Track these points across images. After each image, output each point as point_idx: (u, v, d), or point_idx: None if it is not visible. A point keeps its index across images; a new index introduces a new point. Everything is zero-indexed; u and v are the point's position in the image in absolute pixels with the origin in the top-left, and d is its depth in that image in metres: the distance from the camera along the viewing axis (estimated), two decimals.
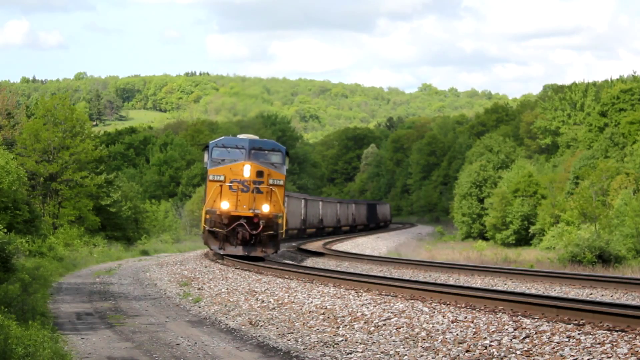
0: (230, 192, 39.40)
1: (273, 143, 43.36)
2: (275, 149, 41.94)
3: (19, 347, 10.48)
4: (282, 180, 40.82)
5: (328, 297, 19.65)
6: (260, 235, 39.32)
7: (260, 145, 41.32)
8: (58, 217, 63.33)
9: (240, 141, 41.14)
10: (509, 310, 15.35)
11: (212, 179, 40.07)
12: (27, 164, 59.10)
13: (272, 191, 39.93)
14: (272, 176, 40.18)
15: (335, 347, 14.42)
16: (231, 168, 39.71)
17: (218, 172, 40.00)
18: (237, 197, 39.33)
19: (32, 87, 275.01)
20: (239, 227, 38.97)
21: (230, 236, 39.25)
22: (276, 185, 40.19)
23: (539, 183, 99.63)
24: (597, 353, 11.02)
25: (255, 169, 39.60)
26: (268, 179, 39.86)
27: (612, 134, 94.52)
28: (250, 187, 39.43)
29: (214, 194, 39.60)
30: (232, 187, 39.38)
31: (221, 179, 39.57)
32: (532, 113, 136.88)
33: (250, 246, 39.30)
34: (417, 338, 13.85)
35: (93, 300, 24.46)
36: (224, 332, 17.52)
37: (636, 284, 23.14)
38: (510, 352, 11.93)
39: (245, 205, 39.25)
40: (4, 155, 44.50)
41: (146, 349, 15.07)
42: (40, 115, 67.23)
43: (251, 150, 40.44)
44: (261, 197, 39.49)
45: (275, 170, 40.78)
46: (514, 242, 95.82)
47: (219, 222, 39.17)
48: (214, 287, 26.19)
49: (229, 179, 39.44)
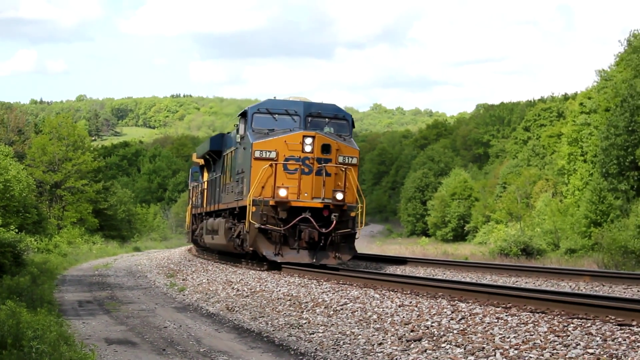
0: (286, 174, 24.96)
1: (335, 107, 27.26)
2: (339, 116, 26.89)
3: (29, 331, 10.45)
4: (355, 158, 25.93)
5: (294, 286, 19.67)
6: (333, 234, 24.90)
7: (318, 110, 26.55)
8: (62, 219, 63.29)
9: (292, 105, 26.43)
10: (447, 296, 15.43)
11: (258, 157, 25.04)
12: (35, 173, 59.11)
13: (344, 173, 25.32)
14: (342, 152, 25.57)
15: (299, 329, 14.44)
16: (286, 141, 24.98)
17: (267, 146, 25.10)
18: (298, 182, 24.90)
19: (39, 107, 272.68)
20: (303, 224, 24.72)
21: (289, 236, 24.91)
22: (349, 165, 25.51)
23: (473, 187, 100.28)
24: (522, 331, 11.10)
25: (320, 142, 25.02)
26: (337, 156, 25.37)
27: (534, 146, 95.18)
28: (313, 167, 24.98)
29: (262, 176, 24.78)
30: (289, 167, 24.93)
31: (272, 156, 24.90)
32: (466, 128, 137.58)
33: (319, 251, 24.92)
34: (370, 320, 13.89)
35: (92, 290, 24.35)
36: (205, 317, 17.49)
37: (554, 273, 23.32)
38: (448, 331, 11.99)
39: (307, 193, 24.94)
40: (16, 166, 44.45)
41: (138, 331, 15.04)
42: (46, 131, 67.47)
43: (307, 117, 26.08)
44: (330, 180, 25.11)
45: (345, 143, 26.06)
46: (451, 238, 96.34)
47: (272, 216, 24.74)
48: (196, 278, 26.12)
49: (283, 156, 24.95)
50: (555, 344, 10.28)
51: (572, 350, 9.89)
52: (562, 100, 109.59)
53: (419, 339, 12.00)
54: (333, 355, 11.98)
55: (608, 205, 49.23)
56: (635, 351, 9.30)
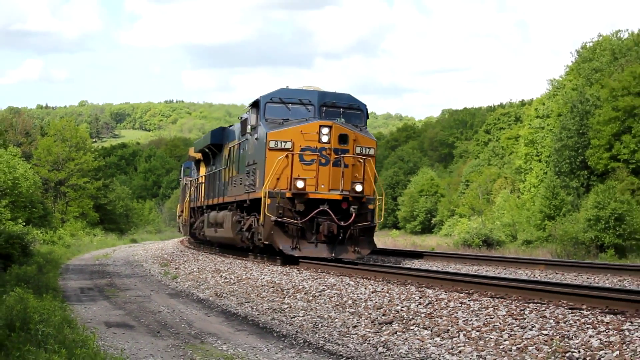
0: (303, 165, 21.81)
1: (349, 97, 23.83)
2: (353, 106, 23.59)
3: (35, 315, 10.40)
4: (372, 149, 22.73)
5: (276, 274, 19.63)
6: (352, 228, 21.76)
7: (333, 99, 23.25)
8: (66, 214, 63.21)
9: (306, 94, 23.17)
10: (415, 283, 15.43)
11: (273, 147, 21.84)
12: (41, 172, 59.06)
13: (361, 164, 22.24)
14: (359, 142, 22.40)
15: (282, 313, 14.43)
16: (302, 131, 21.84)
17: (282, 136, 21.93)
18: (315, 173, 21.71)
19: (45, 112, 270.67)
20: (321, 217, 21.57)
21: (306, 230, 21.72)
22: (366, 156, 22.42)
23: (439, 185, 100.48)
24: (483, 315, 11.14)
25: (338, 132, 21.83)
26: (354, 147, 22.22)
27: (494, 147, 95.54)
28: (330, 158, 21.78)
29: (277, 168, 21.58)
30: (306, 157, 21.75)
31: (288, 146, 21.75)
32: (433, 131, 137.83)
33: (338, 245, 21.79)
34: (345, 305, 13.89)
35: (93, 278, 24.24)
36: (195, 302, 17.45)
37: (512, 262, 23.37)
38: (416, 315, 12.01)
39: (323, 185, 21.77)
40: (23, 165, 44.48)
41: (135, 315, 14.99)
42: (51, 134, 67.50)
43: (322, 106, 22.90)
44: (348, 172, 21.93)
45: (362, 134, 22.90)
46: (420, 231, 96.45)
47: (289, 208, 21.56)
48: (188, 267, 26.04)
49: (299, 147, 21.77)
50: (513, 326, 10.32)
51: (528, 331, 9.94)
52: (519, 105, 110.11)
53: (390, 322, 12.02)
54: (312, 337, 11.98)
55: (560, 201, 49.42)
56: (584, 332, 9.35)
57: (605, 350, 8.62)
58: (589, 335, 9.20)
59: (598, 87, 55.19)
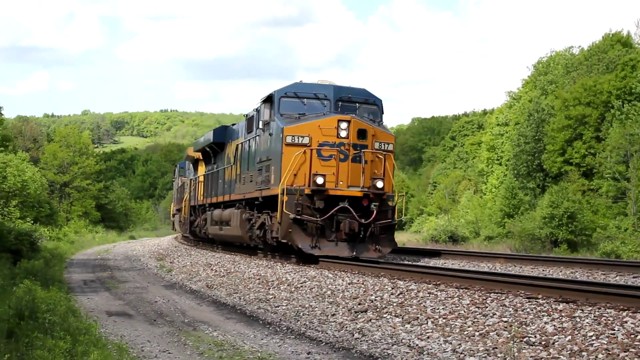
0: (321, 161, 19.17)
1: (365, 91, 21.28)
2: (369, 101, 21.11)
3: (42, 305, 10.36)
4: (391, 144, 20.26)
5: (262, 267, 19.61)
6: (373, 225, 19.25)
7: (349, 94, 20.73)
8: (70, 213, 63.01)
9: (322, 88, 20.63)
10: (388, 275, 15.44)
11: (289, 142, 19.15)
12: (47, 175, 59.04)
13: (380, 160, 19.67)
14: (378, 137, 19.79)
15: (267, 302, 14.42)
16: (319, 125, 19.17)
17: (299, 131, 19.25)
18: (334, 169, 19.06)
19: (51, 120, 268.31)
20: (341, 214, 18.94)
21: (326, 228, 18.99)
22: (386, 152, 19.89)
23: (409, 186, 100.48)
24: (449, 304, 11.17)
25: (356, 127, 19.25)
26: (373, 142, 19.60)
27: (459, 152, 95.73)
28: (349, 154, 19.18)
29: (294, 163, 18.89)
30: (323, 153, 19.15)
31: (305, 141, 19.09)
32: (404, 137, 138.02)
33: (359, 243, 19.12)
34: (325, 295, 13.90)
35: (95, 271, 24.13)
36: (188, 293, 17.41)
37: (475, 256, 23.44)
38: (389, 304, 12.03)
39: (342, 181, 19.10)
40: (31, 168, 44.52)
41: (133, 305, 14.94)
42: (57, 140, 67.38)
43: (338, 101, 20.38)
44: (367, 168, 19.37)
45: (380, 129, 20.30)
46: None
47: (307, 205, 18.86)
48: (182, 261, 25.97)
49: (317, 142, 19.16)
50: (476, 314, 10.36)
51: (489, 319, 9.98)
52: (482, 114, 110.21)
53: (365, 310, 12.03)
54: (294, 325, 11.98)
55: (519, 201, 49.63)
56: (540, 319, 9.40)
57: (559, 336, 8.68)
58: (544, 322, 9.26)
59: (552, 98, 55.55)
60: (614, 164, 42.41)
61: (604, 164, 43.67)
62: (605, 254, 32.44)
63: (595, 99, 47.66)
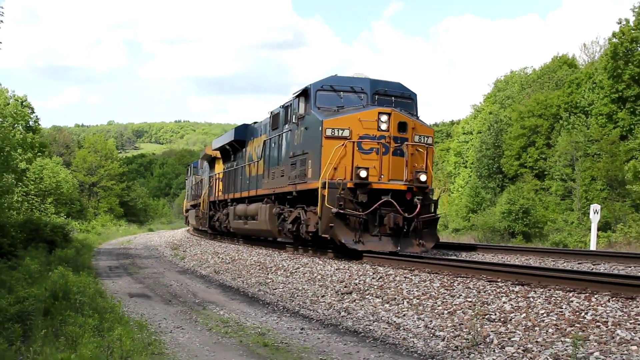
0: (361, 154, 16.19)
1: (401, 85, 18.19)
2: (405, 94, 18.06)
3: (74, 287, 10.35)
4: (431, 137, 17.26)
5: (262, 255, 19.60)
6: (416, 220, 16.22)
7: (385, 87, 17.75)
8: (97, 209, 62.98)
9: (358, 81, 17.62)
10: (370, 262, 15.37)
11: (329, 135, 16.21)
12: (78, 176, 59.14)
13: (421, 153, 16.77)
14: (417, 131, 16.85)
15: (266, 285, 14.40)
16: (360, 118, 16.22)
17: (339, 123, 16.33)
18: (379, 162, 16.12)
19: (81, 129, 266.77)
20: (384, 208, 15.95)
21: (369, 222, 15.94)
22: (426, 145, 16.93)
23: None
24: (422, 286, 11.18)
25: (397, 120, 16.36)
26: (413, 135, 16.66)
27: None
28: (390, 147, 16.26)
29: (335, 157, 16.00)
30: (364, 146, 16.15)
31: (345, 134, 16.16)
32: None
33: (403, 238, 16.17)
34: (315, 279, 13.90)
35: (119, 259, 24.07)
36: (199, 277, 17.38)
37: (444, 246, 23.46)
38: (370, 287, 12.03)
39: (383, 175, 16.15)
40: (64, 171, 44.67)
41: (152, 287, 14.90)
42: (86, 147, 67.50)
43: (374, 94, 17.45)
44: (409, 161, 16.51)
45: (420, 122, 17.33)
46: None
47: (349, 199, 15.80)
48: (193, 250, 25.94)
49: (357, 135, 16.20)
50: (444, 295, 10.37)
51: (456, 299, 9.99)
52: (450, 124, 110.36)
53: (350, 292, 12.03)
54: (289, 304, 11.97)
55: (481, 198, 49.68)
56: (499, 299, 9.42)
57: (515, 313, 8.70)
58: (503, 302, 9.27)
59: (510, 111, 55.71)
60: (562, 167, 42.66)
61: (554, 167, 43.93)
62: (555, 243, 32.54)
63: (546, 111, 47.96)
